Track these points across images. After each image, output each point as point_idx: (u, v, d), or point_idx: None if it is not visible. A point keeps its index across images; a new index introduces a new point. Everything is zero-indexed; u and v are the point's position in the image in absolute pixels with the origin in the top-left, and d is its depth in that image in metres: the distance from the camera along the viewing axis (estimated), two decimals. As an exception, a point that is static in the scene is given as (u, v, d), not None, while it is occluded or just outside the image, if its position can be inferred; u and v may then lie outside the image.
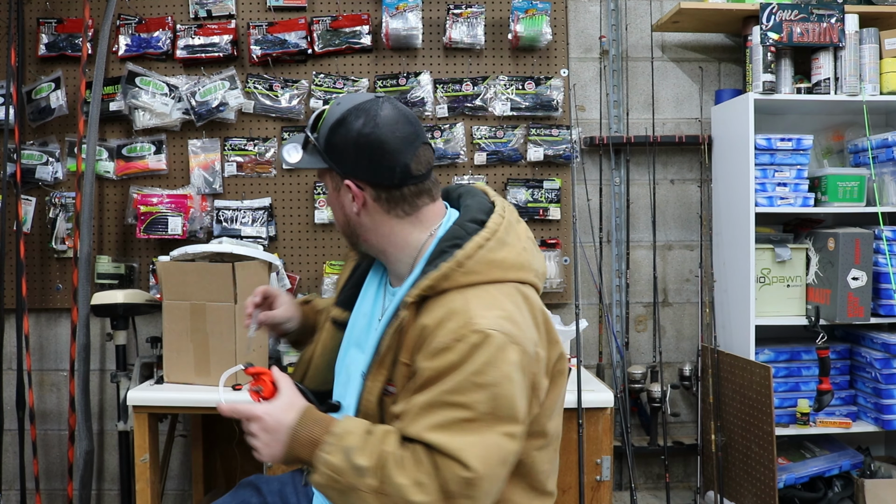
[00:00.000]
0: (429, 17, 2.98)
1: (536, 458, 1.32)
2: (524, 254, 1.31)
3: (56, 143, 2.97)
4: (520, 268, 1.29)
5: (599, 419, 2.25)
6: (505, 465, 1.19)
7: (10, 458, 3.01)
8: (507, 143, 2.98)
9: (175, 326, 2.32)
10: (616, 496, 3.00)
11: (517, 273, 1.29)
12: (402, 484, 1.15)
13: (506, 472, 1.20)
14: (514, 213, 1.39)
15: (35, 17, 2.97)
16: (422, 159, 1.33)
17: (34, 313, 2.99)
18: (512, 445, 1.18)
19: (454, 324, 1.19)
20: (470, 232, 1.29)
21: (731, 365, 2.79)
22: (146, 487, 2.27)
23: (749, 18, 2.87)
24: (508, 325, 1.20)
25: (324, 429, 1.22)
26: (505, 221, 1.32)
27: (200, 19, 2.96)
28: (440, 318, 1.21)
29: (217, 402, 1.29)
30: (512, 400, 1.18)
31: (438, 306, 1.23)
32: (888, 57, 2.78)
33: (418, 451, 1.17)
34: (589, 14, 3.09)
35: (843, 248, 2.70)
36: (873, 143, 2.83)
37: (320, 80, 2.94)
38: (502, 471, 1.19)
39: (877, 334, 2.80)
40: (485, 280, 1.25)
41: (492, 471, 1.16)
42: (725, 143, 2.94)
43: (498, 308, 1.22)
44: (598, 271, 3.04)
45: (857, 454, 2.85)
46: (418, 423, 1.18)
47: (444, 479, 1.14)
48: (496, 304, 1.22)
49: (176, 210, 2.87)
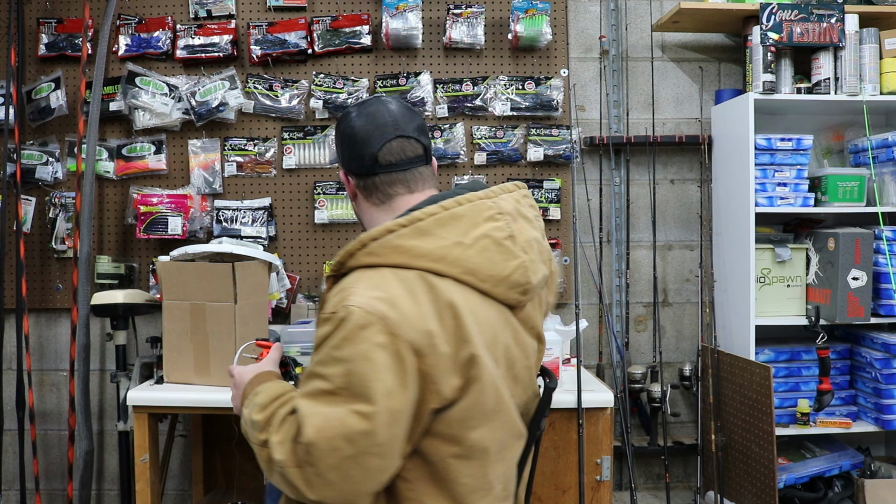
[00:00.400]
0: (429, 17, 2.98)
1: (453, 467, 1.28)
2: (456, 249, 1.27)
3: (56, 143, 2.97)
4: (438, 260, 1.26)
5: (599, 419, 2.25)
6: (351, 442, 1.18)
7: (10, 458, 3.01)
8: (507, 143, 2.98)
9: (175, 326, 2.32)
10: (616, 496, 3.00)
11: (431, 263, 1.26)
12: (272, 442, 1.24)
13: (354, 450, 1.18)
14: (503, 214, 1.33)
15: (35, 17, 2.97)
16: (393, 150, 1.40)
17: (34, 313, 3.00)
18: (360, 424, 1.17)
19: (337, 298, 1.24)
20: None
21: (731, 365, 2.79)
22: (146, 487, 2.26)
23: (749, 18, 2.86)
24: (383, 306, 1.19)
25: (253, 387, 1.39)
26: (446, 214, 1.29)
27: (200, 19, 2.96)
28: (334, 293, 1.27)
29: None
30: (365, 379, 1.18)
31: (341, 283, 1.28)
32: (888, 57, 2.78)
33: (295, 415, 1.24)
34: (589, 14, 3.09)
35: (843, 248, 2.70)
36: (873, 143, 2.83)
37: (320, 80, 2.94)
38: (348, 448, 1.18)
39: (877, 334, 2.80)
40: (385, 263, 1.26)
41: (329, 443, 1.18)
42: (725, 143, 2.94)
43: (381, 290, 1.22)
44: (598, 271, 3.04)
45: (857, 454, 2.85)
46: (301, 389, 1.27)
47: (296, 441, 1.21)
48: (381, 287, 1.23)
49: (176, 210, 2.87)
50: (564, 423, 2.25)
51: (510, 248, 1.31)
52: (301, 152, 2.97)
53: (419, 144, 1.43)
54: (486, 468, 1.31)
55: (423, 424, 1.24)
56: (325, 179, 2.97)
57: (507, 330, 1.33)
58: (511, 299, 1.32)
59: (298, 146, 2.97)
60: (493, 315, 1.30)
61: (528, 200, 1.43)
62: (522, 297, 1.33)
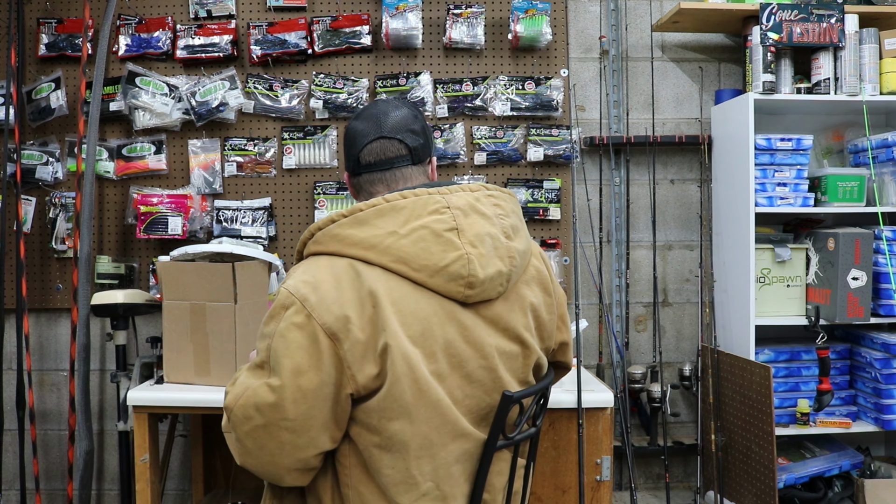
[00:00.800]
0: (429, 17, 2.98)
1: (375, 457, 1.30)
2: (388, 238, 1.29)
3: (56, 143, 2.97)
4: (368, 248, 1.29)
5: (599, 419, 2.25)
6: (260, 412, 1.28)
7: (10, 458, 3.01)
8: (507, 143, 2.98)
9: (175, 326, 2.32)
10: (616, 496, 3.00)
11: (360, 251, 1.29)
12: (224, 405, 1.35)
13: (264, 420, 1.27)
14: (450, 208, 1.33)
15: (35, 17, 2.97)
16: (373, 150, 1.45)
17: (34, 313, 3.00)
18: (269, 396, 1.26)
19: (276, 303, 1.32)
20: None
21: (731, 365, 2.79)
22: (146, 487, 2.27)
23: (749, 18, 2.87)
24: (306, 289, 1.27)
25: None
26: (386, 206, 1.32)
27: (200, 19, 2.96)
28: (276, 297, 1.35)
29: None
30: (278, 354, 1.27)
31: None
32: (888, 57, 2.78)
33: None
34: (589, 14, 3.09)
35: (843, 248, 2.70)
36: (873, 143, 2.83)
37: (320, 80, 2.94)
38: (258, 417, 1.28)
39: (877, 334, 2.80)
40: (325, 251, 1.33)
41: (243, 411, 1.29)
42: (725, 143, 2.94)
43: (310, 275, 1.30)
44: (598, 271, 3.04)
45: (857, 454, 2.85)
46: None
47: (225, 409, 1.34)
48: (311, 272, 1.31)
49: (176, 210, 2.87)
50: (564, 423, 2.25)
51: (451, 240, 1.30)
52: (301, 152, 2.97)
53: (402, 145, 1.45)
54: (407, 462, 1.29)
55: (344, 409, 1.28)
56: (325, 179, 2.97)
57: (451, 325, 1.30)
58: (453, 292, 1.30)
59: (298, 146, 2.97)
60: (430, 308, 1.29)
61: (493, 200, 1.40)
62: (468, 290, 1.30)
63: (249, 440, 1.29)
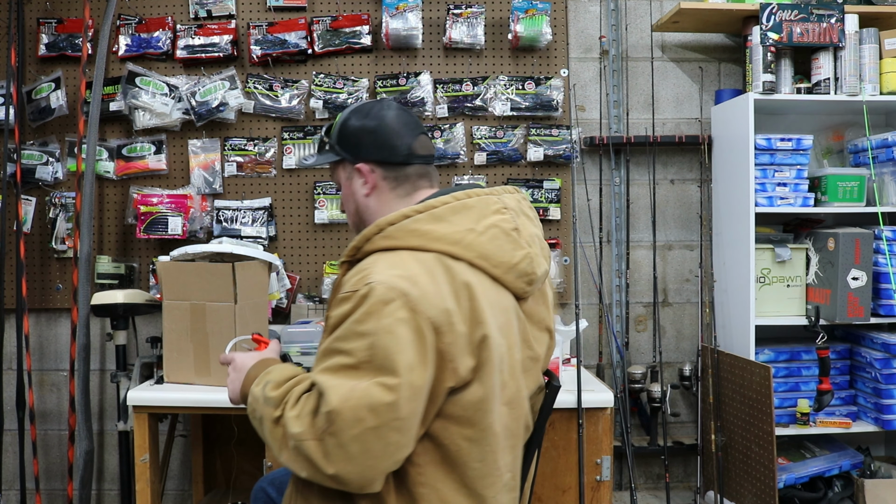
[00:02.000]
0: (429, 17, 2.98)
1: (464, 449, 1.29)
2: (469, 235, 1.31)
3: (56, 143, 2.97)
4: (453, 243, 1.30)
5: (599, 419, 2.25)
6: (375, 413, 1.19)
7: (10, 458, 3.01)
8: (507, 143, 2.98)
9: (175, 326, 2.32)
10: (616, 496, 3.00)
11: (447, 246, 1.30)
12: (289, 416, 1.24)
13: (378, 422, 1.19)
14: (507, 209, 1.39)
15: (35, 17, 2.97)
16: (424, 143, 1.47)
17: (34, 313, 3.00)
18: (385, 396, 1.19)
19: (356, 278, 1.26)
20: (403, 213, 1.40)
21: (731, 365, 2.79)
22: (146, 487, 2.27)
23: (749, 18, 2.87)
24: (404, 283, 1.22)
25: (262, 368, 1.39)
26: (458, 203, 1.34)
27: (200, 19, 2.96)
28: (352, 275, 1.29)
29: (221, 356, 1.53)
30: (389, 352, 1.20)
31: (358, 266, 1.31)
32: (888, 57, 2.78)
33: (313, 391, 1.25)
34: (589, 14, 3.09)
35: (843, 248, 2.70)
36: (873, 143, 2.83)
37: (320, 80, 2.94)
38: (371, 419, 1.19)
39: (877, 334, 2.80)
40: (402, 245, 1.30)
41: (353, 413, 1.18)
42: (725, 143, 2.94)
43: (400, 269, 1.25)
44: (598, 271, 3.04)
45: (857, 454, 2.85)
46: (316, 367, 1.27)
47: (316, 414, 1.21)
48: (401, 266, 1.26)
49: (176, 210, 2.87)
50: (564, 422, 2.25)
51: (517, 239, 1.35)
52: (301, 152, 2.97)
53: (433, 145, 1.53)
54: (496, 454, 1.32)
55: (437, 405, 1.26)
56: (325, 179, 2.97)
57: (518, 319, 1.37)
58: (519, 289, 1.35)
59: (298, 146, 2.97)
60: (506, 302, 1.34)
61: (527, 202, 1.48)
62: (528, 287, 1.37)
63: (356, 444, 1.19)
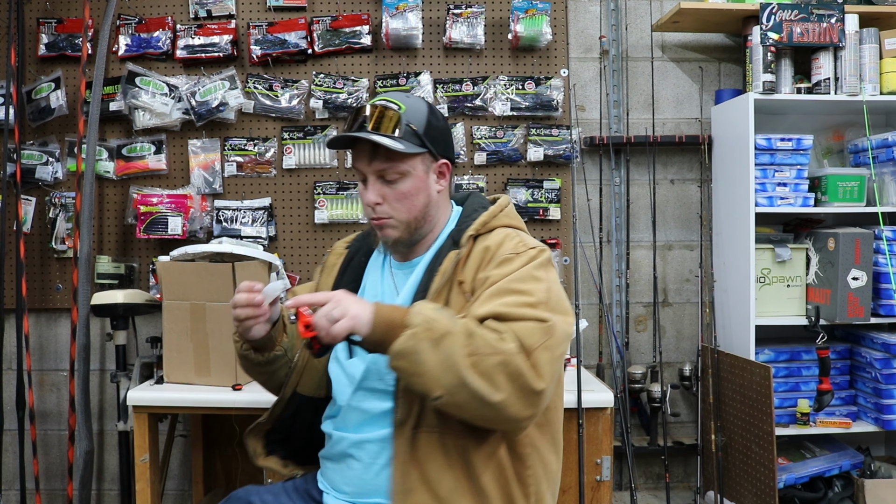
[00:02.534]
0: (429, 17, 2.98)
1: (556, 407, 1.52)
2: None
3: (56, 143, 2.97)
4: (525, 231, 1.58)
5: (599, 419, 2.25)
6: (567, 342, 1.39)
7: (10, 458, 3.01)
8: (507, 143, 2.98)
9: (175, 326, 2.32)
10: (616, 496, 3.00)
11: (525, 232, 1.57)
12: (487, 336, 1.31)
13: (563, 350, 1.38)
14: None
15: (35, 17, 2.97)
16: None
17: (34, 313, 2.99)
18: (570, 329, 1.39)
19: (512, 243, 1.47)
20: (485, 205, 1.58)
21: (731, 365, 2.79)
22: (146, 487, 2.27)
23: (749, 18, 2.87)
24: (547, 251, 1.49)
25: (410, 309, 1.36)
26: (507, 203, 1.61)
27: (200, 19, 2.96)
28: (499, 241, 1.48)
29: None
30: (561, 298, 1.41)
31: (490, 237, 1.50)
32: (888, 57, 2.78)
33: (490, 322, 1.34)
34: (589, 14, 3.09)
35: (843, 248, 2.70)
36: (873, 143, 2.83)
37: (320, 80, 2.94)
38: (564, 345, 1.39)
39: (877, 334, 2.80)
40: (516, 225, 1.56)
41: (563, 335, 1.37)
42: (725, 143, 2.94)
43: (536, 241, 1.51)
44: (598, 271, 3.03)
45: (857, 454, 2.85)
46: (488, 305, 1.36)
47: (521, 334, 1.31)
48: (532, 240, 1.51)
49: (176, 210, 2.87)
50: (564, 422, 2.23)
51: None
52: (301, 152, 2.97)
53: None
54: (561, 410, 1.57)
55: None
56: (325, 179, 2.97)
57: None
58: None
59: (298, 146, 2.97)
60: None
61: None
62: None
63: (558, 363, 1.37)
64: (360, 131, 1.48)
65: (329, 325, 1.30)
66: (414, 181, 1.51)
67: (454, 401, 1.31)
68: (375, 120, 1.48)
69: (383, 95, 1.55)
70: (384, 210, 1.51)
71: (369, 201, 1.51)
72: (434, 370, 1.29)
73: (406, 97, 1.54)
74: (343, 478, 1.53)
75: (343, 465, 1.53)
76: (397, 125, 1.48)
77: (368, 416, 1.50)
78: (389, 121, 1.48)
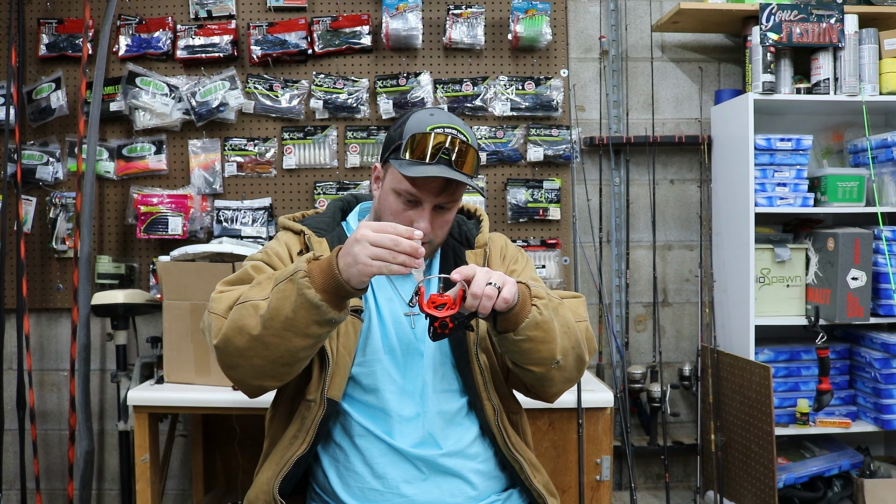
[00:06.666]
0: (429, 18, 2.98)
1: None
2: None
3: (56, 144, 2.97)
4: None
5: (599, 419, 2.26)
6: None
7: (11, 458, 3.01)
8: (507, 143, 2.98)
9: (175, 326, 2.33)
10: (616, 496, 3.00)
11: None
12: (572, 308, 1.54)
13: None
14: None
15: (35, 17, 2.97)
16: None
17: (34, 313, 3.00)
18: None
19: (512, 247, 1.69)
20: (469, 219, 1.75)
21: (730, 365, 2.79)
22: (146, 487, 2.27)
23: (749, 19, 2.87)
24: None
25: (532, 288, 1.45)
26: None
27: (200, 19, 2.96)
28: (504, 244, 1.68)
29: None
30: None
31: (492, 241, 1.66)
32: (887, 57, 2.78)
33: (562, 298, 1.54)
34: (589, 14, 3.09)
35: (843, 248, 2.70)
36: (873, 144, 2.83)
37: (320, 81, 2.95)
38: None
39: (876, 334, 2.80)
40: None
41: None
42: (725, 143, 2.94)
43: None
44: (597, 271, 3.04)
45: (856, 454, 2.85)
46: (538, 288, 1.45)
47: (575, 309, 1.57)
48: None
49: (176, 210, 2.87)
50: (564, 422, 2.26)
51: None
52: (301, 152, 2.97)
53: None
54: None
55: None
56: (325, 179, 2.98)
57: None
58: None
59: (298, 146, 2.97)
60: None
61: None
62: None
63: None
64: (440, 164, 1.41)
65: (494, 293, 1.26)
66: (452, 210, 1.51)
67: (566, 363, 1.43)
68: (458, 156, 1.42)
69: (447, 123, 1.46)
70: (427, 235, 1.42)
71: (425, 230, 1.40)
72: (559, 336, 1.40)
73: (463, 124, 1.48)
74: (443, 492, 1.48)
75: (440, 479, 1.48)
76: (476, 164, 1.46)
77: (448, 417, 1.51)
78: (471, 159, 1.44)
